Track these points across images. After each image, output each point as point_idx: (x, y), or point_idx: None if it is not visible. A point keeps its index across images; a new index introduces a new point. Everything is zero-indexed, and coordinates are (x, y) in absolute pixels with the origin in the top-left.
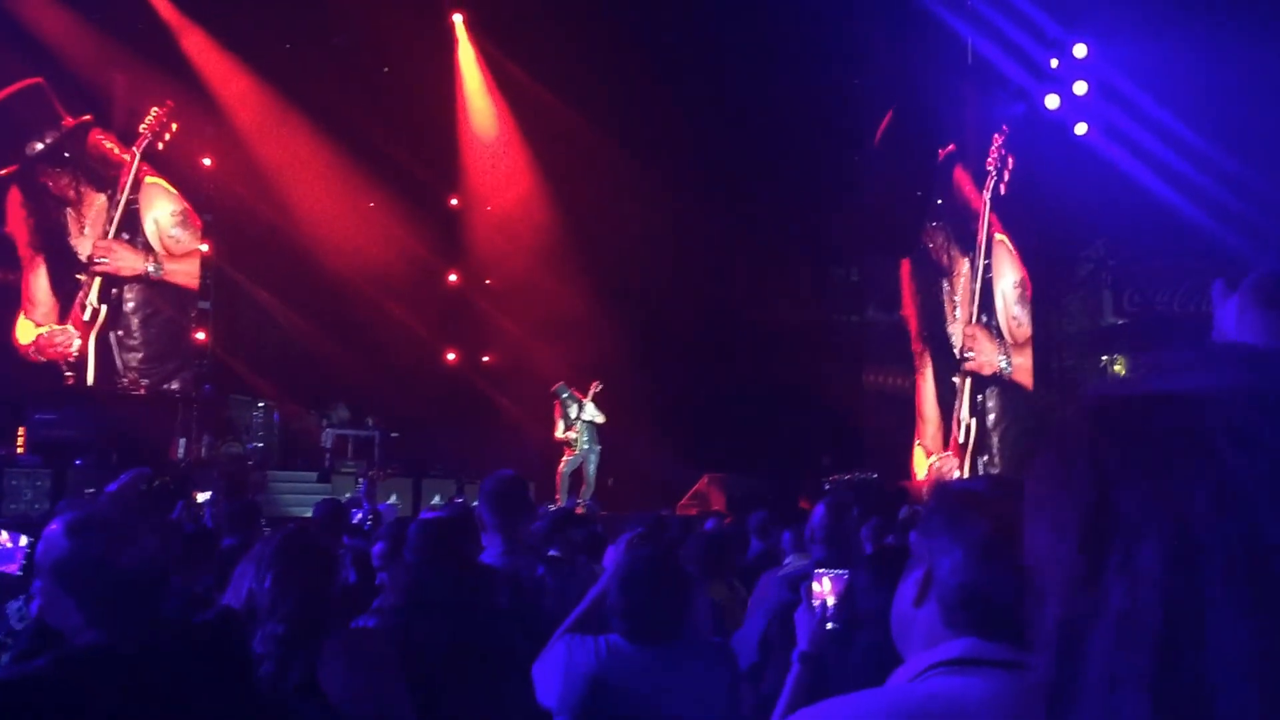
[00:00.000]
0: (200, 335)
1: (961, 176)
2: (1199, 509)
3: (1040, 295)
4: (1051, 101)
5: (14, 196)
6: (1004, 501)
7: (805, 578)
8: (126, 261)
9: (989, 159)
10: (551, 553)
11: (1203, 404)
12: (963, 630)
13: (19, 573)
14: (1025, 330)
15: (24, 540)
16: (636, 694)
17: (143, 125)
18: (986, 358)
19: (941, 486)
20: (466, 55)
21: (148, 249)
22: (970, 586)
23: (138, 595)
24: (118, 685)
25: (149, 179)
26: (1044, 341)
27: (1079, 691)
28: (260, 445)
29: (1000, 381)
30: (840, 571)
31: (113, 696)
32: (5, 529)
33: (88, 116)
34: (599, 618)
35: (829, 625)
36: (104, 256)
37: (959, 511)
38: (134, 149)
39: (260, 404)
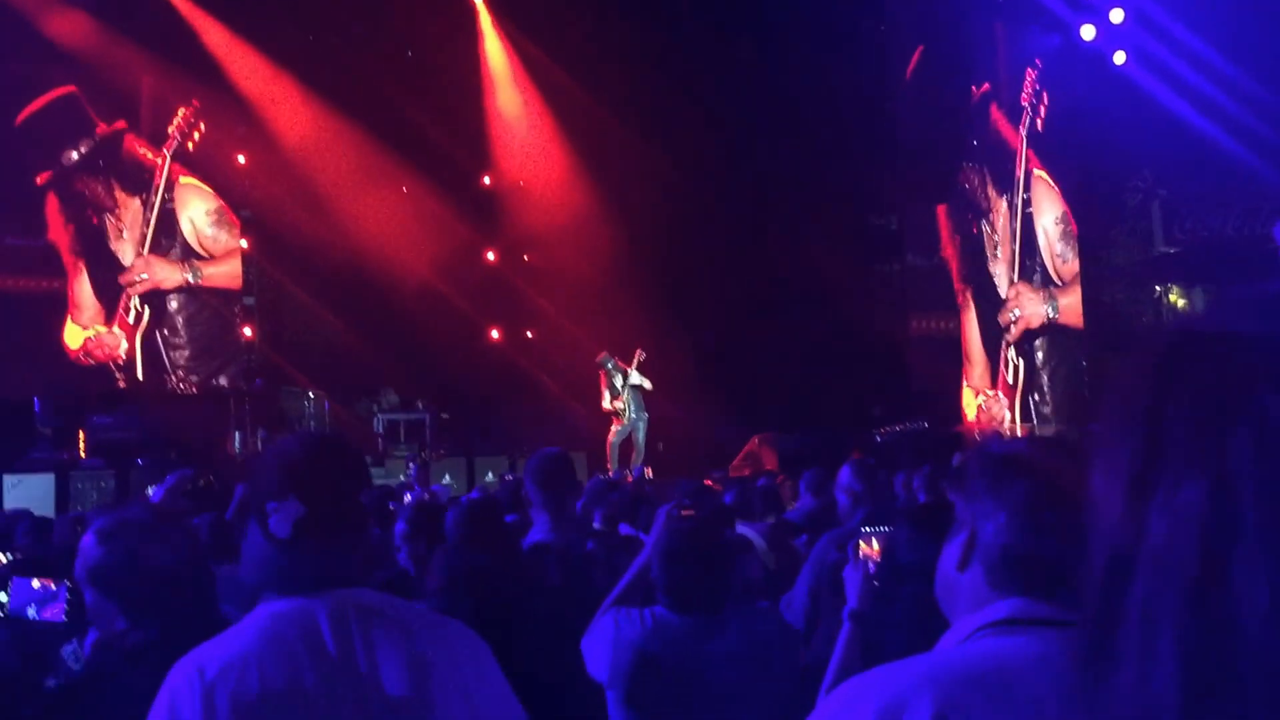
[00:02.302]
0: (247, 331)
1: (997, 115)
2: (1238, 452)
3: (1087, 229)
4: (1087, 32)
5: (52, 205)
6: (1046, 461)
7: (852, 536)
8: (165, 275)
9: (1023, 95)
10: (596, 525)
11: (1251, 346)
12: (1009, 592)
13: (64, 619)
14: (1071, 266)
15: (67, 585)
16: (685, 664)
17: (170, 126)
18: (1033, 310)
19: (981, 448)
20: (488, 31)
21: (184, 256)
22: (1014, 548)
23: (174, 593)
24: (157, 683)
25: (183, 179)
26: (1093, 276)
27: (1119, 630)
28: None
29: (1050, 329)
30: (886, 529)
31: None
32: (50, 575)
33: (121, 123)
34: (644, 589)
35: (876, 583)
36: (143, 273)
37: (1000, 473)
38: (164, 150)
39: (310, 395)
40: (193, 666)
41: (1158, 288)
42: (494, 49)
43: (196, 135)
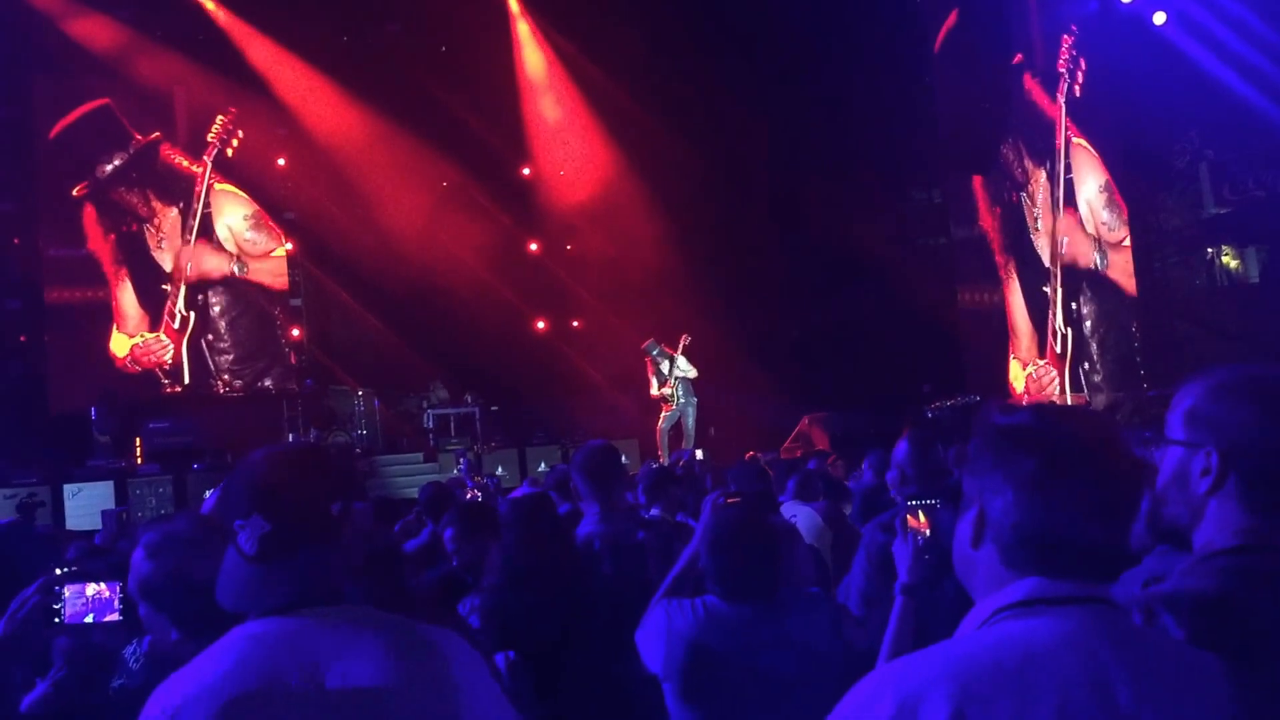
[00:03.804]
0: (295, 332)
1: (1031, 85)
2: None
3: (1133, 195)
4: None
5: (90, 216)
6: (1052, 433)
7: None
8: (212, 264)
9: (1059, 61)
10: (653, 513)
11: None
12: (1024, 570)
13: (120, 618)
14: (1117, 235)
15: (120, 588)
16: (739, 653)
17: (210, 134)
18: (1081, 250)
19: (985, 422)
20: (520, 24)
21: (229, 250)
22: (1025, 525)
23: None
24: None
25: (218, 185)
26: (1143, 242)
27: None
28: (364, 433)
29: (1094, 280)
30: (933, 502)
31: None
32: (102, 579)
33: (157, 134)
34: (694, 578)
35: (926, 556)
36: (190, 261)
37: (1006, 448)
38: (204, 159)
39: (359, 393)
40: (163, 698)
41: (1209, 250)
42: (527, 40)
43: (235, 142)
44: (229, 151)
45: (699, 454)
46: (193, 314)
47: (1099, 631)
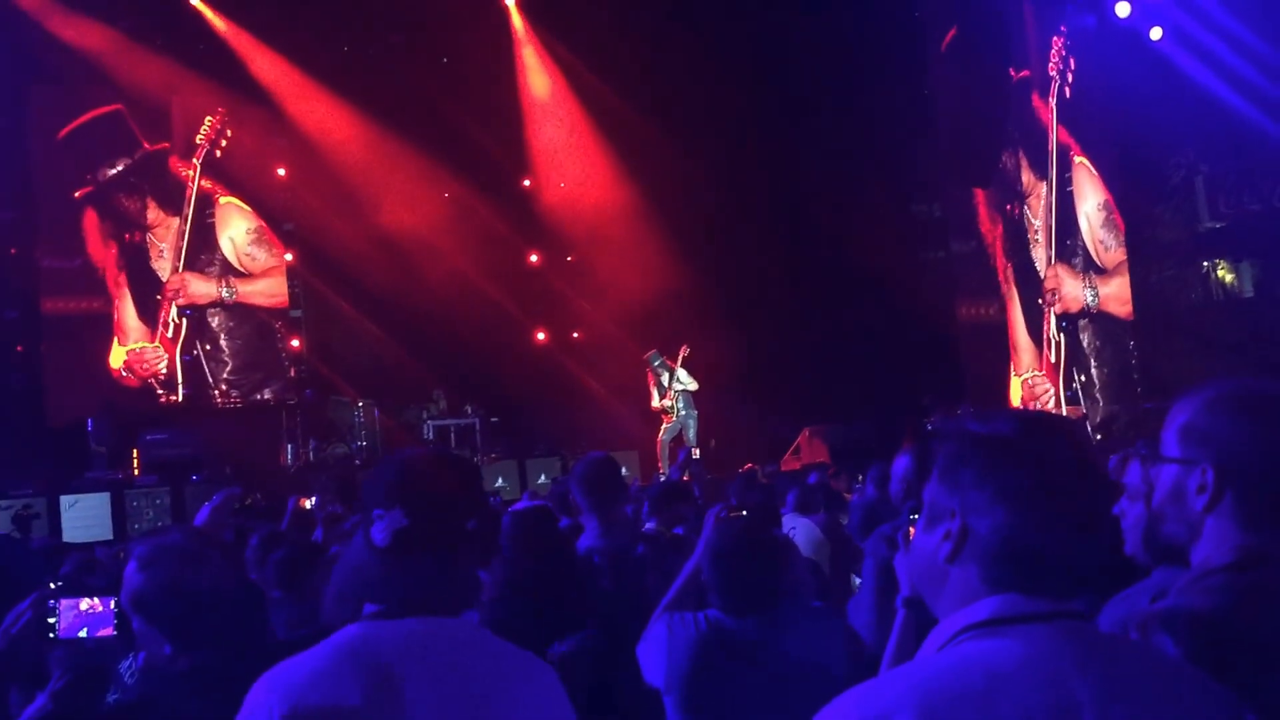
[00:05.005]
0: (294, 343)
1: (1038, 104)
2: None
3: (1130, 209)
4: (1122, 9)
5: (91, 221)
6: (1038, 444)
7: (901, 528)
8: (199, 290)
9: (1050, 64)
10: (649, 526)
11: None
12: (1003, 587)
13: (114, 633)
14: (1114, 255)
15: (114, 602)
16: (742, 666)
17: (199, 136)
18: (1072, 294)
19: (961, 430)
20: (522, 36)
21: (222, 272)
22: (1017, 544)
23: (218, 617)
24: (205, 706)
25: (223, 199)
26: (1139, 256)
27: None
28: (364, 444)
29: (1089, 314)
30: None
31: (201, 716)
32: (96, 594)
33: (165, 144)
34: (696, 591)
35: None
36: (176, 289)
37: (993, 462)
38: (193, 160)
39: (360, 404)
40: (265, 685)
41: (1205, 264)
42: (529, 52)
43: (224, 141)
44: (218, 152)
45: (695, 452)
46: (185, 321)
47: (1065, 651)
